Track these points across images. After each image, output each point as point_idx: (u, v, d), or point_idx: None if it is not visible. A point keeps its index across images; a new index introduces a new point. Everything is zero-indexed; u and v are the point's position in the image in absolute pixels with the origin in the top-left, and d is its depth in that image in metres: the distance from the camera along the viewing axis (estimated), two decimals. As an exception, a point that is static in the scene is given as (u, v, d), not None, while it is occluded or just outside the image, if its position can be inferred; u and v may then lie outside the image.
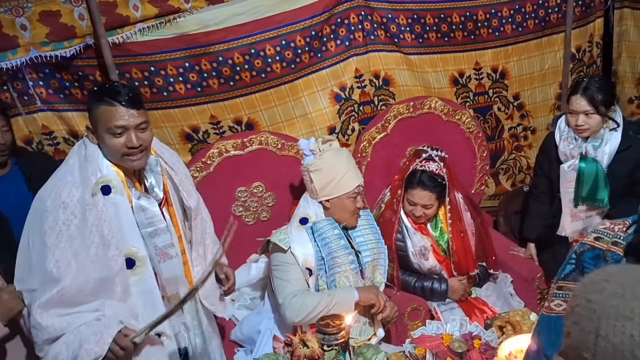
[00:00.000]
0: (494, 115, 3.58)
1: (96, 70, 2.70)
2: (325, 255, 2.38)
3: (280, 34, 2.88)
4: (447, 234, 2.74)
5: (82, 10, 2.57)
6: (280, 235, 2.40)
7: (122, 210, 1.93)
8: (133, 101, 1.88)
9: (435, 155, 2.70)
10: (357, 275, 2.46)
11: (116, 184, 1.92)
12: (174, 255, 2.05)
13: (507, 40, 3.42)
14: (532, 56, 3.53)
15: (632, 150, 2.68)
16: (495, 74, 3.48)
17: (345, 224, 2.48)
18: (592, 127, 2.67)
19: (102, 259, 1.87)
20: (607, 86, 2.72)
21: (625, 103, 4.02)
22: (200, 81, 2.83)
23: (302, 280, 2.36)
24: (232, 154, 2.81)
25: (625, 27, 3.82)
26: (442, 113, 3.16)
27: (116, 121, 1.85)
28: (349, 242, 2.47)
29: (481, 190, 3.38)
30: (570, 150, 2.76)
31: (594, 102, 2.62)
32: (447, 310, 2.71)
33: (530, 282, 2.87)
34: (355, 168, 2.53)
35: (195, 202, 2.16)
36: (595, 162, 2.69)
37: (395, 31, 3.16)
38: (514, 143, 3.71)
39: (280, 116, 3.03)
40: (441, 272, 2.75)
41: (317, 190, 2.44)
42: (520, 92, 3.59)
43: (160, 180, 2.05)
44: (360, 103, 3.21)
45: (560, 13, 3.48)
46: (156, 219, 1.99)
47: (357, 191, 2.45)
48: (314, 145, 2.48)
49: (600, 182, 2.69)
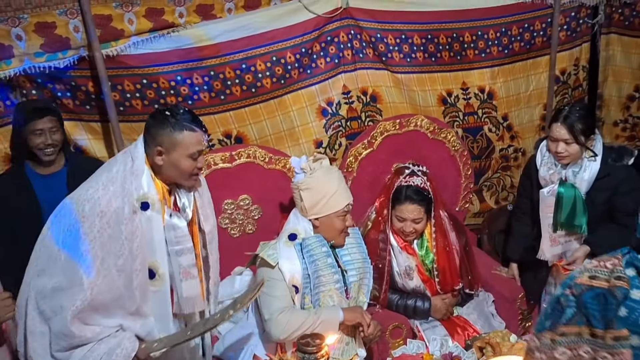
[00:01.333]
0: (485, 136, 3.65)
1: (89, 81, 2.76)
2: (311, 273, 2.40)
3: (271, 50, 2.98)
4: (432, 252, 2.77)
5: (77, 23, 2.63)
6: (269, 250, 2.41)
7: (154, 227, 1.99)
8: (206, 128, 2.07)
9: (418, 170, 2.76)
10: (341, 295, 2.47)
11: (154, 201, 1.99)
12: (195, 275, 2.11)
13: (494, 61, 3.51)
14: (518, 78, 3.62)
15: (611, 177, 2.71)
16: (483, 94, 3.57)
17: (333, 242, 2.50)
18: (571, 154, 2.70)
19: (127, 271, 1.93)
20: (588, 115, 2.75)
21: (610, 126, 4.12)
22: (192, 94, 2.91)
23: (289, 297, 2.38)
24: (220, 167, 2.87)
25: (611, 52, 3.92)
26: (428, 131, 3.23)
27: (200, 146, 2.01)
28: (336, 261, 2.49)
29: (465, 208, 3.44)
30: (550, 176, 2.79)
31: (573, 132, 2.64)
32: (429, 329, 2.74)
33: (511, 303, 2.90)
34: (345, 186, 2.56)
35: (210, 227, 2.22)
36: (574, 188, 2.73)
37: (384, 50, 3.25)
38: (501, 163, 3.77)
39: (269, 130, 3.12)
40: (425, 291, 2.79)
41: (306, 209, 2.46)
42: (509, 112, 3.67)
43: (192, 200, 2.13)
44: (347, 118, 3.30)
45: (545, 37, 3.58)
46: (185, 238, 2.06)
47: (346, 210, 2.48)
48: (305, 163, 2.50)
49: (578, 208, 2.73)
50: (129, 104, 2.84)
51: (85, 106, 2.84)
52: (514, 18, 3.45)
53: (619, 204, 2.73)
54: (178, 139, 1.97)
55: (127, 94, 2.82)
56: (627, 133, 4.13)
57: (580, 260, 2.76)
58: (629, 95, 4.02)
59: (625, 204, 2.71)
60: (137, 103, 2.84)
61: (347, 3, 3.08)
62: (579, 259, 2.76)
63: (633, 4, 3.75)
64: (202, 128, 2.03)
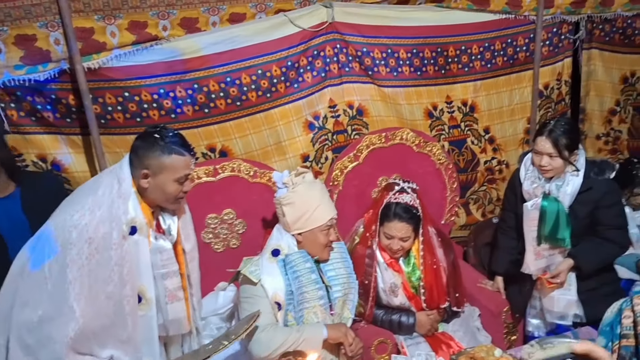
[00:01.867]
0: (469, 148, 3.70)
1: (70, 94, 2.73)
2: (295, 290, 2.39)
3: (256, 63, 2.98)
4: (419, 269, 2.76)
5: (58, 35, 2.61)
6: (251, 267, 2.40)
7: (141, 251, 1.99)
8: (194, 152, 2.08)
9: (408, 187, 2.75)
10: (325, 311, 2.46)
11: (142, 225, 1.99)
12: (181, 297, 2.12)
13: (476, 75, 3.57)
14: (501, 92, 3.68)
15: (593, 191, 2.74)
16: (465, 107, 3.62)
17: (317, 257, 2.49)
18: (555, 168, 2.72)
19: (115, 298, 1.92)
20: (572, 130, 2.78)
21: (593, 139, 4.21)
22: (175, 108, 2.89)
23: (271, 314, 2.36)
24: (203, 180, 2.85)
25: (593, 67, 4.01)
26: (414, 144, 3.25)
27: (187, 170, 2.02)
28: (320, 277, 2.48)
29: (451, 221, 3.46)
30: (533, 189, 2.81)
31: (557, 146, 2.67)
32: (413, 345, 2.73)
33: (497, 316, 2.92)
34: (328, 200, 2.55)
35: (191, 247, 2.22)
36: (557, 202, 2.75)
37: (370, 64, 3.28)
38: (487, 176, 3.82)
39: (255, 144, 3.11)
40: (410, 307, 2.78)
41: (289, 224, 2.45)
42: (490, 125, 3.73)
43: (176, 221, 2.14)
44: (334, 132, 3.30)
45: (528, 52, 3.65)
46: (171, 261, 2.08)
47: (329, 224, 2.47)
48: (287, 178, 2.49)
49: (561, 221, 2.75)
50: (111, 117, 2.81)
51: (65, 119, 2.80)
52: (497, 33, 3.52)
53: (601, 217, 2.77)
54: (166, 162, 1.97)
55: (108, 107, 2.78)
56: (610, 146, 4.23)
57: (563, 274, 2.78)
58: (611, 109, 4.12)
59: (607, 217, 2.76)
60: (118, 116, 2.81)
61: (333, 17, 3.10)
62: (563, 272, 2.78)
63: (613, 21, 3.85)
64: (191, 152, 2.04)
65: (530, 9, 3.52)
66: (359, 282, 2.66)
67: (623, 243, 2.83)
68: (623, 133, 4.18)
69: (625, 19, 3.84)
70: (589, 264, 2.78)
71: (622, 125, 4.16)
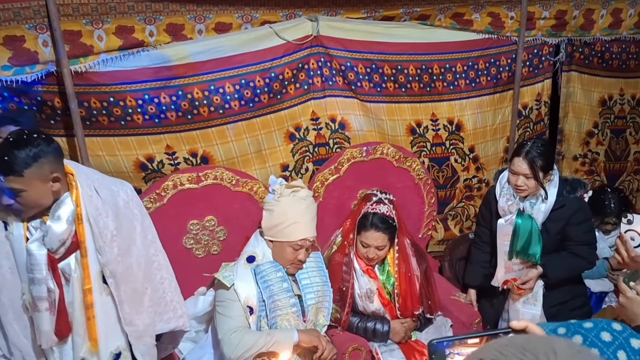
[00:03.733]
0: (451, 166, 3.83)
1: (55, 97, 2.80)
2: (266, 298, 2.48)
3: (240, 73, 3.09)
4: (394, 277, 2.89)
5: (46, 37, 2.66)
6: (226, 272, 2.50)
7: (16, 250, 2.05)
8: (3, 168, 1.93)
9: (385, 198, 2.88)
10: (298, 318, 2.55)
11: (13, 224, 2.04)
12: (42, 309, 2.04)
13: (461, 94, 3.70)
14: (485, 111, 3.82)
15: (565, 209, 2.88)
16: (452, 126, 3.75)
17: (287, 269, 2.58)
18: (530, 188, 2.84)
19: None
20: (548, 152, 2.90)
21: (570, 160, 4.36)
22: (159, 113, 2.98)
23: (243, 318, 2.45)
24: (186, 187, 2.95)
25: (572, 89, 4.16)
26: (394, 159, 3.38)
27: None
28: (292, 286, 2.57)
29: (428, 235, 3.58)
30: (508, 206, 2.94)
31: (533, 167, 2.79)
32: (387, 352, 2.84)
33: (468, 327, 3.03)
34: (309, 221, 2.59)
35: (106, 260, 2.12)
36: (531, 219, 2.88)
37: (353, 79, 3.40)
38: (465, 192, 3.95)
39: (236, 151, 3.21)
40: (384, 314, 2.90)
41: (264, 228, 2.57)
42: (475, 144, 3.86)
43: (66, 230, 2.06)
44: (315, 144, 3.42)
45: (510, 72, 3.80)
46: (36, 267, 2.02)
47: (301, 244, 2.53)
48: (277, 186, 2.57)
49: (533, 238, 2.88)
50: (95, 120, 2.89)
51: (50, 121, 2.87)
52: (480, 52, 3.66)
53: (571, 233, 2.92)
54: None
55: (93, 111, 2.86)
56: (586, 167, 4.39)
57: (532, 281, 2.94)
58: (588, 131, 4.28)
59: (576, 233, 2.92)
60: (103, 119, 2.89)
61: (318, 31, 3.20)
62: (532, 280, 2.94)
63: (592, 44, 4.02)
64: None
65: (512, 30, 3.67)
66: (336, 289, 2.77)
67: (590, 259, 2.99)
68: (600, 155, 4.35)
69: (604, 43, 4.01)
70: (556, 273, 2.93)
71: (600, 147, 4.33)
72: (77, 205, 2.08)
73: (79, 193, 2.08)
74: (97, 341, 2.15)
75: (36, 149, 1.98)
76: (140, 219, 2.26)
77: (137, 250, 2.24)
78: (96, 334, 2.14)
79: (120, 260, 2.16)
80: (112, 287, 2.15)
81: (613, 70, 4.14)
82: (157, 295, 2.33)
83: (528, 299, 3.00)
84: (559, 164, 4.34)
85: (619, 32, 4.01)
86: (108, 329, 2.18)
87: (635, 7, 3.96)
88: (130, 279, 2.20)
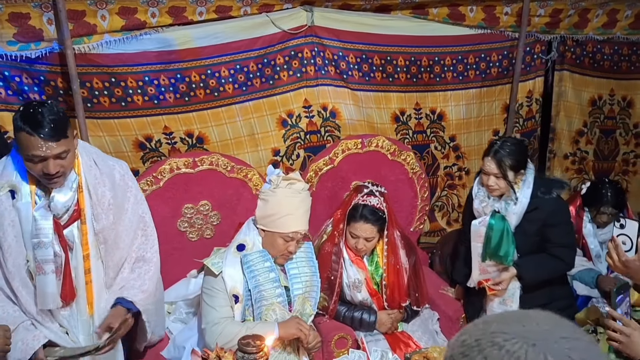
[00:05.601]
0: (431, 153, 4.04)
1: (58, 77, 2.98)
2: (252, 288, 2.51)
3: (235, 59, 3.31)
4: (382, 268, 2.98)
5: (51, 16, 2.81)
6: (215, 258, 2.55)
7: (23, 217, 2.19)
8: (53, 133, 2.06)
9: (376, 191, 2.95)
10: (284, 308, 2.58)
11: (23, 192, 2.19)
12: (48, 272, 2.19)
13: (447, 86, 3.90)
14: (471, 103, 4.02)
15: (540, 211, 2.91)
16: (434, 115, 3.96)
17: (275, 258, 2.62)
18: (501, 188, 2.89)
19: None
20: (519, 151, 2.91)
21: (561, 159, 4.54)
22: (158, 94, 3.19)
23: (227, 308, 2.51)
24: (182, 172, 3.11)
25: (564, 88, 4.34)
26: (388, 152, 3.53)
27: (34, 151, 2.06)
28: (279, 276, 2.60)
29: (420, 229, 3.74)
30: (482, 208, 3.00)
31: (501, 167, 2.84)
32: (372, 341, 2.93)
33: (455, 322, 3.16)
34: (303, 215, 2.61)
35: (101, 227, 2.30)
36: (504, 220, 2.92)
37: (345, 68, 3.60)
38: (447, 181, 4.15)
39: (230, 134, 3.43)
40: (372, 305, 3.00)
41: (257, 217, 2.62)
42: (457, 134, 4.07)
43: (70, 197, 2.23)
44: (307, 132, 3.63)
45: (500, 67, 3.99)
46: (42, 231, 2.17)
47: (292, 236, 2.55)
48: (274, 176, 2.59)
49: (505, 239, 2.92)
50: (97, 101, 3.08)
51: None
52: (471, 47, 3.85)
53: (548, 235, 2.96)
54: (17, 137, 2.10)
55: (95, 91, 3.05)
56: (576, 166, 4.57)
57: (505, 282, 2.97)
58: (578, 130, 4.47)
59: (553, 235, 2.96)
60: (104, 100, 3.08)
61: (313, 21, 3.40)
62: (505, 281, 2.97)
63: (584, 45, 4.20)
64: (44, 135, 2.04)
65: (507, 26, 3.85)
66: (325, 278, 2.86)
67: (568, 260, 3.01)
68: (589, 154, 4.54)
69: (595, 44, 4.20)
70: (530, 275, 2.97)
71: (589, 146, 4.52)
72: (78, 175, 2.26)
73: (79, 162, 2.29)
74: (92, 305, 2.34)
75: (61, 110, 2.17)
76: (134, 192, 2.49)
77: (127, 219, 2.43)
78: (92, 298, 2.33)
79: (113, 228, 2.36)
80: (102, 252, 2.34)
81: (604, 71, 4.33)
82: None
83: (504, 300, 3.03)
84: (551, 162, 4.52)
85: (613, 32, 4.17)
86: (100, 294, 2.36)
87: (632, 9, 4.12)
88: (120, 246, 2.40)
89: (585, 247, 3.60)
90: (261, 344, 2.04)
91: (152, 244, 2.54)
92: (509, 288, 3.02)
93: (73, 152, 2.20)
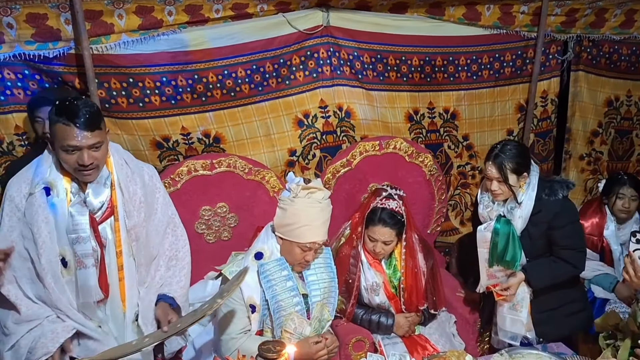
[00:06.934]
0: (444, 152, 4.09)
1: (76, 77, 3.04)
2: (269, 298, 2.52)
3: (252, 59, 3.37)
4: (400, 272, 3.02)
5: (69, 16, 2.86)
6: (233, 267, 2.57)
7: (59, 213, 2.24)
8: (89, 123, 2.13)
9: (395, 194, 2.99)
10: (302, 316, 2.59)
11: (58, 188, 2.24)
12: (89, 265, 2.28)
13: (460, 85, 3.95)
14: (484, 103, 4.07)
15: (544, 213, 2.91)
16: (447, 115, 4.01)
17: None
18: (504, 192, 2.91)
19: (31, 254, 2.23)
20: (520, 154, 2.91)
21: (576, 159, 4.57)
22: (175, 95, 3.25)
23: (245, 319, 2.52)
24: (200, 174, 3.18)
25: (579, 89, 4.37)
26: (406, 154, 3.59)
27: (70, 141, 2.12)
28: (297, 284, 2.60)
29: (437, 231, 3.78)
30: (487, 213, 3.01)
31: (502, 171, 2.85)
32: (390, 344, 2.98)
33: (472, 324, 3.24)
34: (322, 225, 2.59)
35: (133, 224, 2.37)
36: (509, 225, 2.92)
37: (360, 68, 3.66)
38: (460, 180, 4.20)
39: (246, 133, 3.49)
40: (389, 308, 3.05)
41: (275, 224, 2.62)
42: (470, 133, 4.12)
43: (104, 193, 2.32)
44: (323, 132, 3.69)
45: (514, 67, 4.04)
46: (80, 227, 2.26)
47: (310, 246, 2.55)
48: (294, 185, 2.57)
49: (511, 244, 2.92)
50: (115, 102, 3.15)
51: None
52: (485, 48, 3.90)
53: (554, 237, 2.95)
54: (53, 129, 2.16)
55: (113, 92, 3.12)
56: (592, 167, 4.60)
57: (514, 287, 2.97)
58: (593, 131, 4.50)
59: (560, 237, 2.95)
60: (122, 101, 3.15)
61: (328, 22, 3.47)
62: (513, 286, 2.97)
63: (600, 45, 4.23)
64: (80, 124, 2.11)
65: (522, 25, 3.89)
66: (343, 281, 2.90)
67: (576, 263, 2.98)
68: (604, 154, 4.57)
69: (612, 44, 4.23)
70: (538, 279, 2.97)
71: (603, 146, 4.55)
72: (111, 172, 2.34)
73: (111, 161, 2.37)
74: (125, 302, 2.39)
75: (94, 104, 2.26)
76: (162, 194, 2.57)
77: (157, 219, 2.50)
78: (125, 295, 2.39)
79: (144, 226, 2.43)
80: (134, 249, 2.40)
81: (621, 72, 4.36)
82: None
83: (514, 305, 3.02)
84: (567, 163, 4.56)
85: (630, 31, 4.20)
86: (132, 291, 2.42)
87: (652, 9, 4.09)
88: (151, 244, 2.47)
89: (606, 250, 3.62)
90: (282, 349, 2.08)
91: (184, 244, 2.61)
92: (518, 293, 3.02)
93: (106, 146, 2.26)
